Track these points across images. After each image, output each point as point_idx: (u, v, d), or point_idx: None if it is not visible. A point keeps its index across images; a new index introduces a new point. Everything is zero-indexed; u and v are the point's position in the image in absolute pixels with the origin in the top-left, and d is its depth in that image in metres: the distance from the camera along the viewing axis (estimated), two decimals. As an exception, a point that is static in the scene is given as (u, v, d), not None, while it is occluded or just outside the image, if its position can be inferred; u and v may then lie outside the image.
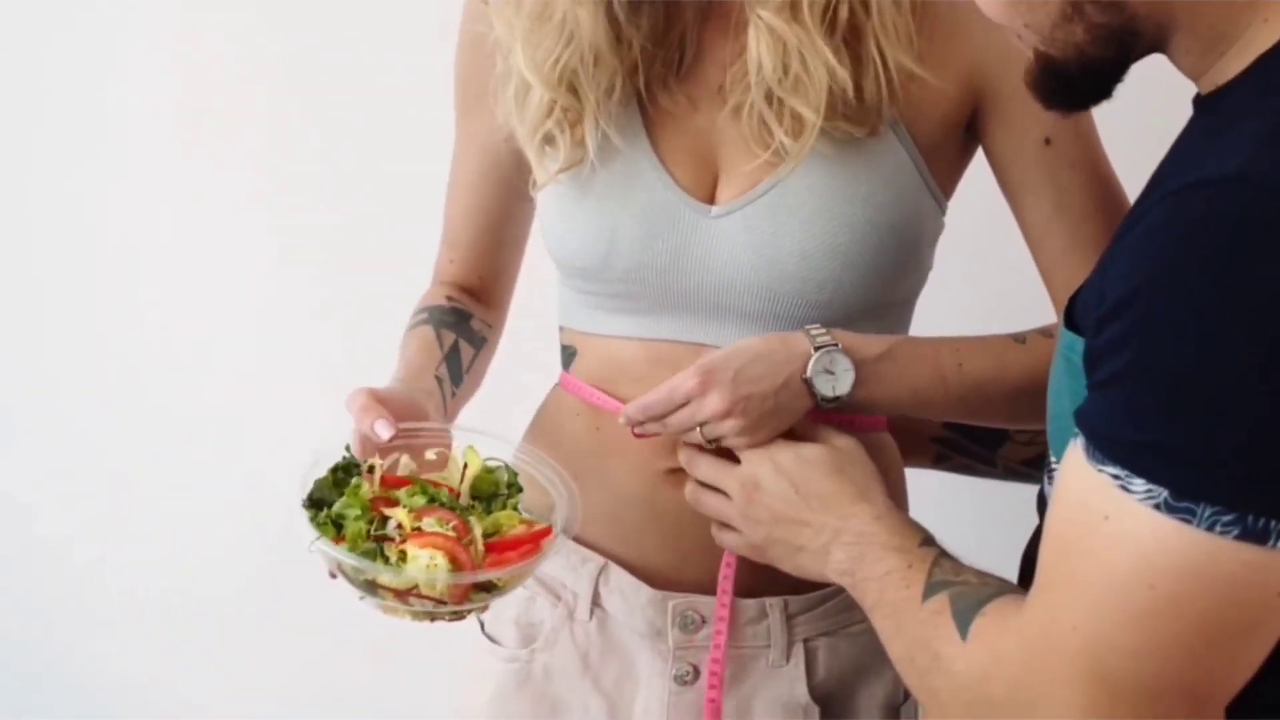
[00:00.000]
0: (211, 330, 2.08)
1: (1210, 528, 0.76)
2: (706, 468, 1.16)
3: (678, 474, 1.20)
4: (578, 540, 1.25)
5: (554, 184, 1.21)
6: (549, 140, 1.18)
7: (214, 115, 1.99)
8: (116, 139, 2.03)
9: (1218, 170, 0.77)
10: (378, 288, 1.40)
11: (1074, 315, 0.90)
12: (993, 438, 1.39)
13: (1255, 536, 0.76)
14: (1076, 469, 0.82)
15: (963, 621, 0.91)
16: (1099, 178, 1.21)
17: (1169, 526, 0.77)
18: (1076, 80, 0.92)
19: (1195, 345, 0.75)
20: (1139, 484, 0.78)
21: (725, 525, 1.16)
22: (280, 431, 1.54)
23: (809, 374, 1.13)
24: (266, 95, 1.98)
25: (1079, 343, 0.86)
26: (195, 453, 2.09)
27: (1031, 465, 1.36)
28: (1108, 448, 0.80)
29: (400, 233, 1.40)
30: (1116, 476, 0.79)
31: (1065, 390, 0.90)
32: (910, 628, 0.97)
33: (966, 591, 0.94)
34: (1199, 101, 0.90)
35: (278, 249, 2.04)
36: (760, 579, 1.22)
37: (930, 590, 0.97)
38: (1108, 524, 0.79)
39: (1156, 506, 0.77)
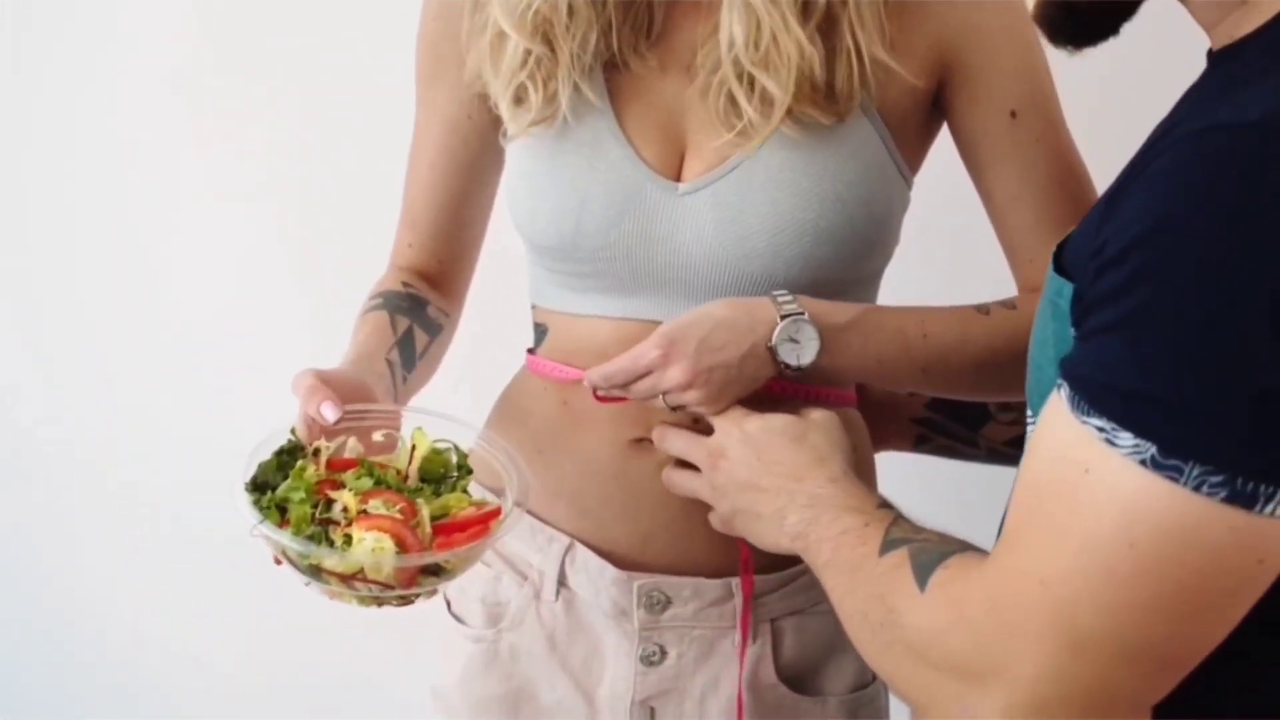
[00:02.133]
0: (203, 317, 2.10)
1: (1197, 488, 0.72)
2: (677, 441, 1.16)
3: (644, 444, 1.20)
4: (543, 519, 1.25)
5: (522, 156, 1.20)
6: (521, 96, 1.17)
7: (210, 101, 2.00)
8: (121, 128, 2.04)
9: (1236, 116, 0.74)
10: (379, 255, 1.39)
11: (1063, 261, 0.86)
12: (975, 417, 1.37)
13: (1243, 500, 0.72)
14: (1058, 420, 0.78)
15: (922, 574, 0.87)
16: (1063, 153, 1.21)
17: (1154, 484, 0.73)
18: (1084, 15, 0.88)
19: (1204, 294, 0.71)
20: (1125, 438, 0.74)
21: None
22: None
23: (774, 342, 1.12)
24: (256, 85, 1.98)
25: (1068, 288, 0.83)
26: (192, 417, 2.11)
27: (1015, 445, 1.34)
28: (1095, 397, 0.75)
29: (385, 211, 1.39)
30: (1102, 429, 0.75)
31: (1050, 338, 0.86)
32: (864, 583, 0.92)
33: (928, 547, 0.90)
34: (1212, 56, 0.86)
35: (273, 238, 2.06)
36: (726, 559, 1.21)
37: (888, 546, 0.92)
38: (1088, 478, 0.75)
39: (1143, 462, 0.73)
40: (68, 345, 2.13)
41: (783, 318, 1.12)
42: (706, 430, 1.14)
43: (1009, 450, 1.35)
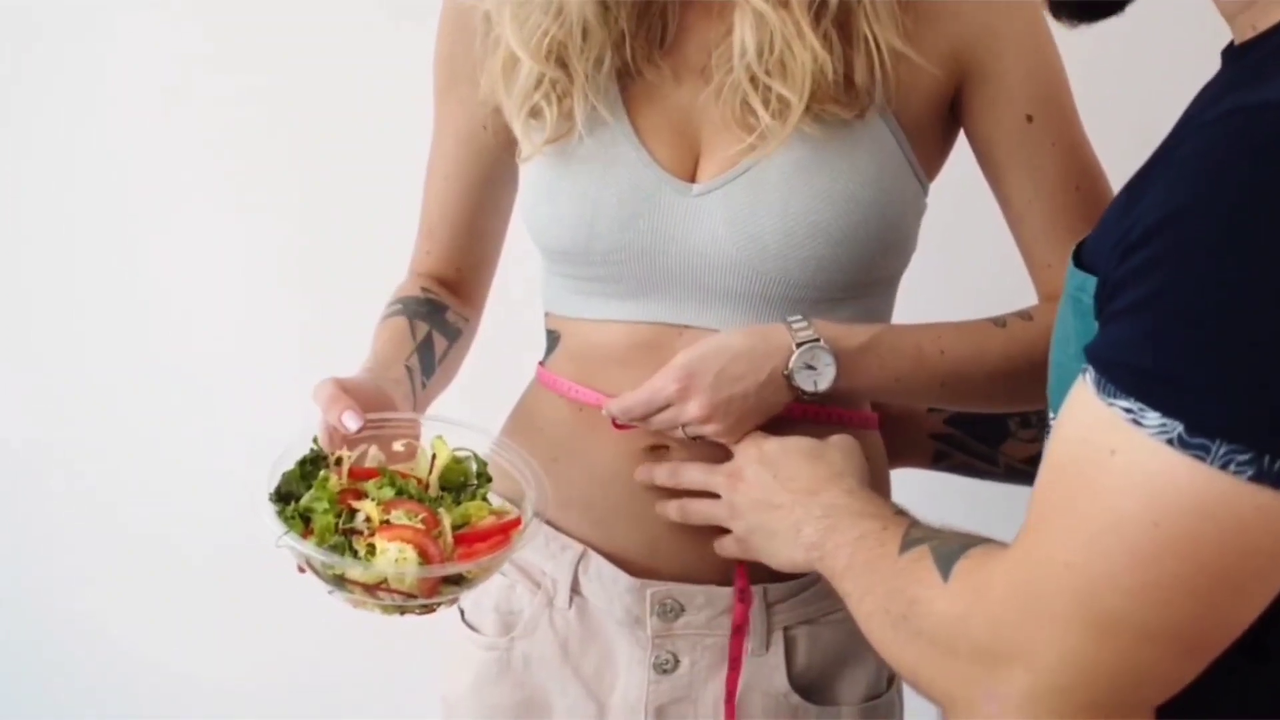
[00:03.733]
0: (201, 322, 2.09)
1: (1224, 466, 0.71)
2: (692, 474, 1.17)
3: (656, 451, 1.20)
4: (556, 526, 1.25)
5: (536, 163, 1.20)
6: (535, 113, 1.18)
7: (207, 105, 2.00)
8: (108, 132, 2.04)
9: (1261, 98, 0.74)
10: (371, 269, 1.40)
11: (1084, 257, 0.86)
12: (995, 434, 1.37)
13: (1270, 478, 0.71)
14: (1083, 404, 0.78)
15: (945, 565, 0.86)
16: (1079, 157, 1.21)
17: (1180, 463, 0.72)
18: None
19: (1231, 272, 0.71)
20: (1152, 417, 0.73)
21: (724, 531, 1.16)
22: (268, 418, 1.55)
23: (790, 369, 1.13)
24: (252, 87, 1.98)
25: (1090, 282, 0.83)
26: (186, 428, 2.11)
27: (1034, 464, 1.32)
28: (1121, 379, 0.75)
29: (394, 218, 1.40)
30: (1128, 410, 0.74)
31: (1072, 335, 0.86)
32: (885, 580, 0.92)
33: (949, 540, 0.89)
34: (1227, 53, 0.86)
35: (272, 244, 2.06)
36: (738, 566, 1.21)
37: (908, 545, 0.92)
38: (1114, 459, 0.75)
39: (1169, 441, 0.72)
40: (61, 360, 2.13)
41: (798, 344, 1.13)
42: (727, 457, 1.15)
43: (1027, 468, 1.34)
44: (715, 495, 1.16)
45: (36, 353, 2.12)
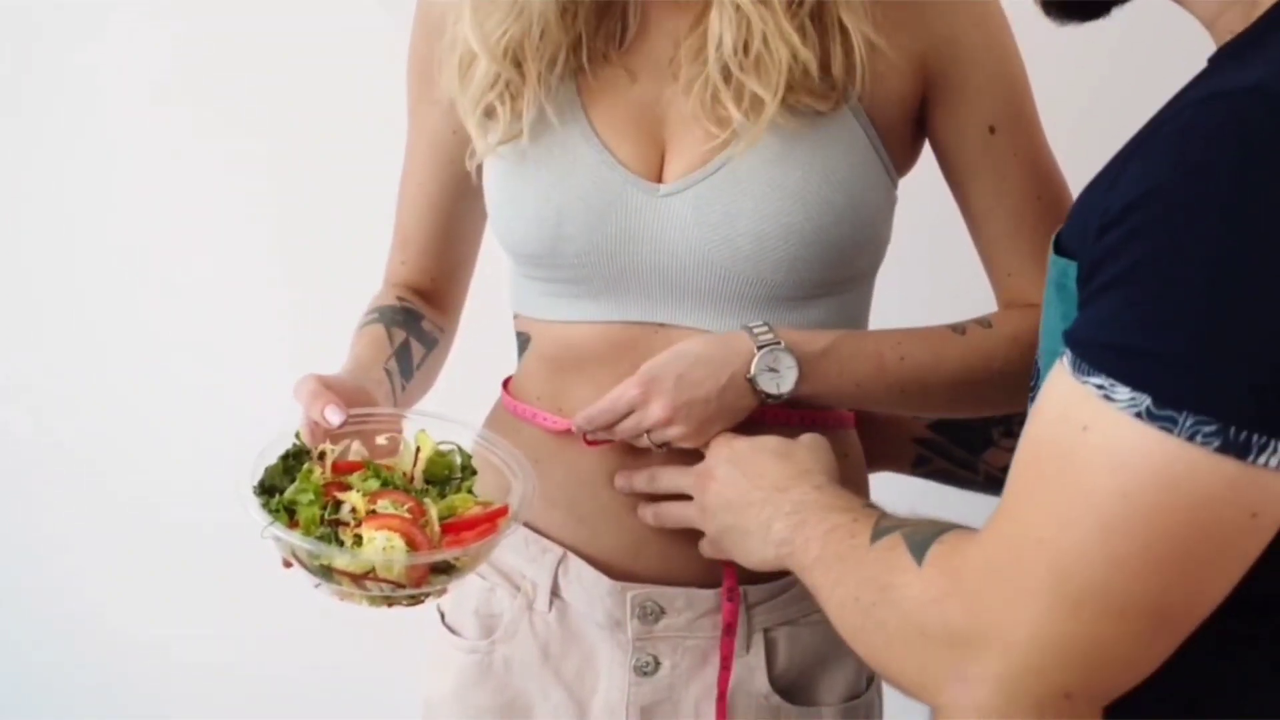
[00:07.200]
0: (188, 316, 2.11)
1: (1191, 437, 0.73)
2: (668, 478, 1.18)
3: (638, 453, 1.20)
4: (537, 529, 1.25)
5: (497, 166, 1.21)
6: (489, 113, 1.18)
7: (199, 104, 2.01)
8: (101, 124, 2.05)
9: (1237, 83, 0.76)
10: (368, 264, 1.41)
11: (1063, 242, 0.88)
12: (977, 442, 1.37)
13: (1236, 450, 0.73)
14: (1059, 384, 0.79)
15: (919, 550, 0.86)
16: (1040, 167, 1.22)
17: (1149, 435, 0.74)
18: None
19: (1202, 249, 0.73)
20: (1122, 392, 0.75)
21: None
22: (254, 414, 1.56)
23: (753, 373, 1.14)
24: (249, 87, 2.00)
25: (1072, 267, 0.84)
26: (171, 427, 2.12)
27: None
28: (1094, 356, 0.76)
29: (391, 215, 1.40)
30: (1100, 386, 0.76)
31: (1058, 321, 0.87)
32: (856, 569, 0.92)
33: (922, 527, 0.89)
34: (1213, 57, 0.87)
35: (262, 239, 2.08)
36: (718, 569, 1.21)
37: (879, 534, 0.92)
38: (1086, 434, 0.76)
39: (1138, 415, 0.74)
40: (64, 350, 2.14)
41: (759, 347, 1.14)
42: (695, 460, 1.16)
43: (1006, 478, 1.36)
44: (689, 497, 1.16)
45: (36, 349, 2.14)
